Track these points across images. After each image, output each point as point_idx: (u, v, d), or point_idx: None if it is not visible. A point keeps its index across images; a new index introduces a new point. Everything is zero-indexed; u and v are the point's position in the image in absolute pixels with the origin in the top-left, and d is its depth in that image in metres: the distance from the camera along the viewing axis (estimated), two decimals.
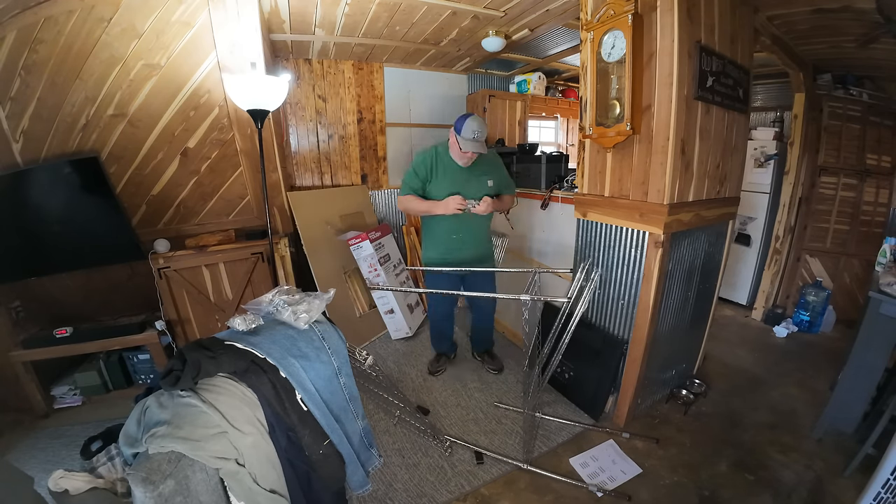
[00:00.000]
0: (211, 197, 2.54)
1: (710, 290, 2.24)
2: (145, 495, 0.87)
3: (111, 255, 2.29)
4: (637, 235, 1.83)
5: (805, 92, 2.83)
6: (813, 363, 2.61)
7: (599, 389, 2.06)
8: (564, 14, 2.43)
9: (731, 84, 1.84)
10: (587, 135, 1.92)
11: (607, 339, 2.07)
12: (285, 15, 2.36)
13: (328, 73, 3.25)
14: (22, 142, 2.05)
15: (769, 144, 3.23)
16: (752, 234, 3.39)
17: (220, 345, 1.22)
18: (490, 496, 1.66)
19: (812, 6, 1.96)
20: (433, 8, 2.33)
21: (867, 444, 1.62)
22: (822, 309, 3.00)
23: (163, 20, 2.02)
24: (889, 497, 1.33)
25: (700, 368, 2.48)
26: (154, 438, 0.96)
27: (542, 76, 4.11)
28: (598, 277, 2.05)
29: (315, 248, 2.85)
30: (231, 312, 2.48)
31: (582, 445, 1.91)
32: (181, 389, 1.07)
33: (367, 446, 1.65)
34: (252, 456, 1.11)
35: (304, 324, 1.39)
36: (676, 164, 1.64)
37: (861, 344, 1.73)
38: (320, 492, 1.34)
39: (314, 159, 3.35)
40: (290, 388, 1.28)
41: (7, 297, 2.18)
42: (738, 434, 1.97)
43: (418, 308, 3.16)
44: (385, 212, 3.76)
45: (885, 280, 1.65)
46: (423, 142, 3.82)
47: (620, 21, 1.62)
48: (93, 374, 2.32)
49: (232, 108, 2.31)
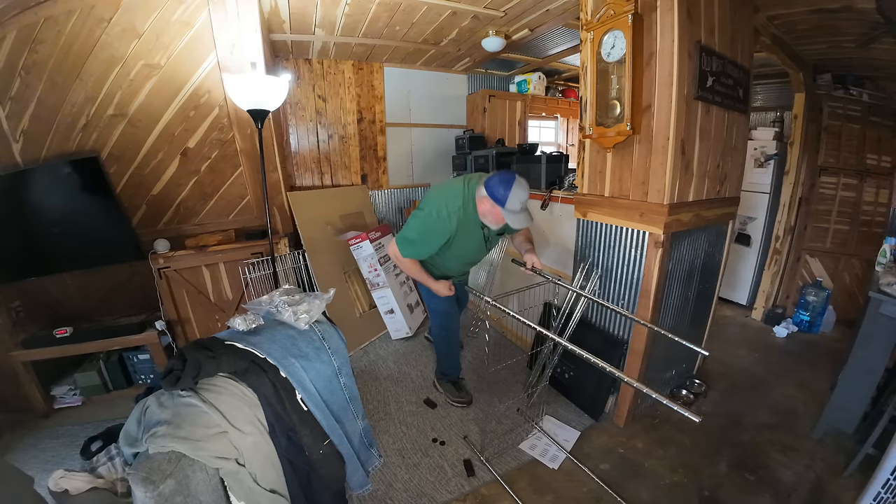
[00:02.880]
0: (211, 197, 2.54)
1: (710, 290, 2.24)
2: (145, 495, 0.87)
3: (111, 255, 2.29)
4: (637, 235, 1.83)
5: (805, 92, 2.83)
6: (813, 363, 2.61)
7: (599, 390, 2.06)
8: (564, 14, 2.43)
9: (731, 84, 1.84)
10: (587, 135, 1.92)
11: (607, 339, 2.07)
12: (285, 15, 2.36)
13: (328, 73, 3.25)
14: (22, 142, 2.05)
15: (769, 144, 3.23)
16: (752, 234, 3.39)
17: (221, 345, 1.22)
18: (490, 496, 1.66)
19: (812, 6, 1.96)
20: (433, 8, 2.33)
21: (867, 444, 1.62)
22: (822, 309, 3.00)
23: (163, 20, 2.02)
24: (889, 497, 1.33)
25: (700, 368, 2.48)
26: (154, 438, 0.96)
27: (542, 76, 4.11)
28: (597, 278, 2.05)
29: (315, 248, 2.85)
30: (231, 312, 2.48)
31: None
32: (181, 389, 1.07)
33: (367, 446, 1.65)
34: (252, 456, 1.11)
35: (305, 324, 1.39)
36: (676, 164, 1.64)
37: (861, 344, 1.73)
38: (320, 492, 1.34)
39: (314, 159, 3.35)
40: (291, 388, 1.28)
41: (7, 297, 2.18)
42: (738, 434, 1.97)
43: (418, 308, 3.16)
44: (385, 212, 3.76)
45: (885, 280, 1.65)
46: (424, 142, 3.82)
47: (620, 21, 1.62)
48: (93, 374, 2.32)
49: (232, 108, 2.31)
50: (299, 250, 2.77)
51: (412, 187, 3.86)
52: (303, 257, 2.77)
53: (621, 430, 2.01)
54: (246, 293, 2.48)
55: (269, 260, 2.36)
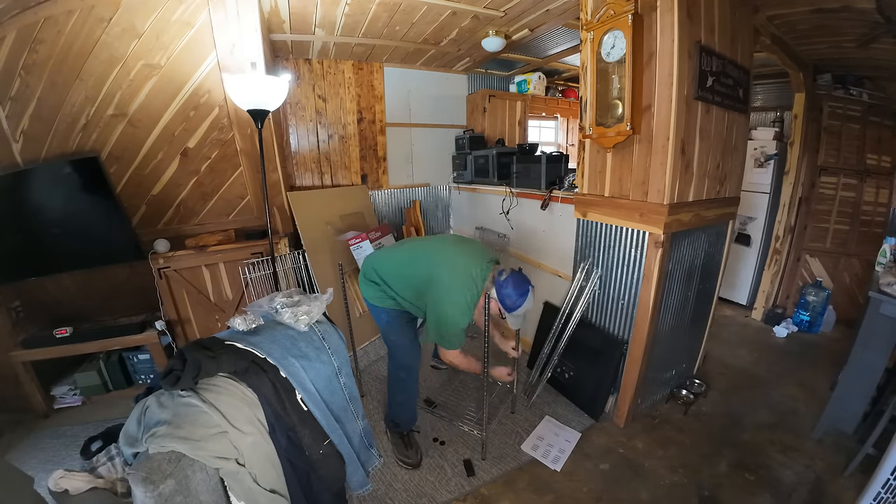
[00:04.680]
0: (211, 197, 2.54)
1: (710, 290, 2.24)
2: (145, 495, 0.87)
3: (111, 255, 2.29)
4: (637, 235, 1.83)
5: (805, 92, 2.83)
6: (813, 363, 2.61)
7: (599, 389, 2.06)
8: (564, 14, 2.43)
9: (731, 84, 1.84)
10: (587, 135, 1.92)
11: (607, 339, 2.07)
12: (285, 15, 2.36)
13: (328, 73, 3.25)
14: (22, 142, 2.05)
15: (769, 144, 3.23)
16: (752, 234, 3.39)
17: (221, 345, 1.22)
18: (490, 496, 1.66)
19: (812, 6, 1.96)
20: (433, 8, 2.32)
21: (867, 444, 1.62)
22: (822, 309, 3.00)
23: (163, 20, 2.02)
24: (889, 497, 1.33)
25: (700, 368, 2.48)
26: (154, 438, 0.96)
27: (542, 76, 4.11)
28: (597, 278, 2.05)
29: (315, 248, 2.84)
30: (231, 312, 2.48)
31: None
32: (181, 389, 1.07)
33: (367, 446, 1.65)
34: (252, 456, 1.11)
35: (305, 325, 1.39)
36: (676, 164, 1.64)
37: (861, 344, 1.73)
38: (320, 492, 1.34)
39: (314, 159, 3.35)
40: (291, 388, 1.28)
41: (7, 297, 2.18)
42: (738, 434, 1.97)
43: None
44: (385, 212, 3.75)
45: (885, 280, 1.65)
46: (424, 142, 3.81)
47: (620, 21, 1.62)
48: (93, 374, 2.32)
49: (232, 108, 2.31)
50: (299, 250, 2.77)
51: (412, 187, 3.86)
52: (303, 257, 2.77)
53: (621, 430, 2.01)
54: (246, 293, 2.48)
55: (269, 260, 2.36)
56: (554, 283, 2.47)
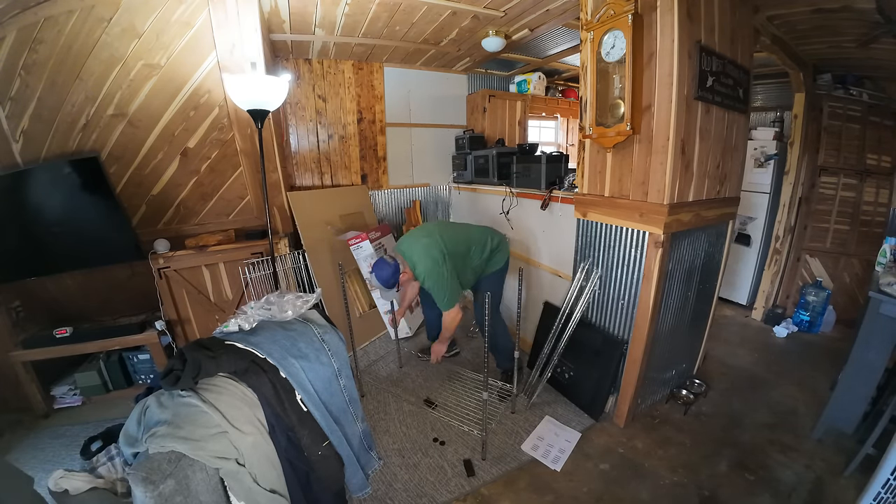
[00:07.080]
0: (211, 197, 2.54)
1: (710, 290, 2.24)
2: (145, 495, 0.87)
3: (111, 255, 2.29)
4: (637, 235, 1.83)
5: (805, 92, 2.83)
6: (813, 363, 2.61)
7: (599, 389, 2.06)
8: (564, 14, 2.43)
9: (731, 84, 1.84)
10: (587, 135, 1.92)
11: (607, 339, 2.07)
12: (285, 15, 2.36)
13: (328, 73, 3.25)
14: (22, 142, 2.05)
15: (769, 144, 3.22)
16: (752, 234, 3.39)
17: (221, 345, 1.22)
18: (490, 496, 1.66)
19: (812, 6, 1.96)
20: (433, 8, 2.32)
21: (867, 444, 1.62)
22: (822, 309, 3.00)
23: (163, 20, 2.02)
24: (889, 497, 1.33)
25: (700, 368, 2.48)
26: (154, 438, 0.96)
27: (542, 76, 4.11)
28: (597, 278, 2.05)
29: (315, 247, 2.85)
30: (231, 312, 2.48)
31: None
32: (181, 389, 1.07)
33: (367, 449, 1.65)
34: (252, 456, 1.11)
35: (291, 314, 1.40)
36: (676, 164, 1.64)
37: (861, 344, 1.73)
38: (320, 492, 1.34)
39: (314, 159, 3.35)
40: (290, 389, 1.28)
41: (7, 297, 2.18)
42: (738, 434, 1.97)
43: (418, 308, 3.16)
44: (385, 212, 3.76)
45: (885, 280, 1.65)
46: (424, 142, 3.81)
47: (620, 21, 1.62)
48: (93, 374, 2.32)
49: (232, 108, 2.31)
50: (299, 250, 2.77)
51: (412, 187, 3.86)
52: (303, 257, 2.77)
53: (621, 430, 2.01)
54: (246, 293, 2.48)
55: (269, 260, 2.36)
56: (554, 283, 2.47)
